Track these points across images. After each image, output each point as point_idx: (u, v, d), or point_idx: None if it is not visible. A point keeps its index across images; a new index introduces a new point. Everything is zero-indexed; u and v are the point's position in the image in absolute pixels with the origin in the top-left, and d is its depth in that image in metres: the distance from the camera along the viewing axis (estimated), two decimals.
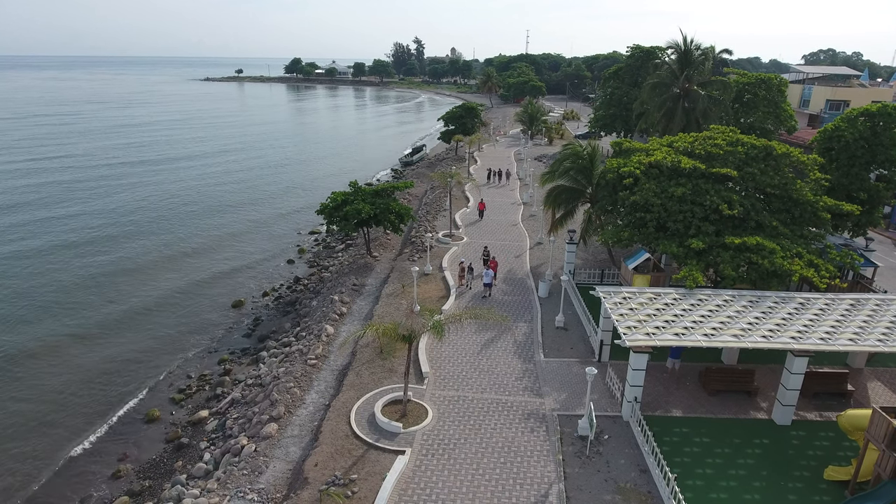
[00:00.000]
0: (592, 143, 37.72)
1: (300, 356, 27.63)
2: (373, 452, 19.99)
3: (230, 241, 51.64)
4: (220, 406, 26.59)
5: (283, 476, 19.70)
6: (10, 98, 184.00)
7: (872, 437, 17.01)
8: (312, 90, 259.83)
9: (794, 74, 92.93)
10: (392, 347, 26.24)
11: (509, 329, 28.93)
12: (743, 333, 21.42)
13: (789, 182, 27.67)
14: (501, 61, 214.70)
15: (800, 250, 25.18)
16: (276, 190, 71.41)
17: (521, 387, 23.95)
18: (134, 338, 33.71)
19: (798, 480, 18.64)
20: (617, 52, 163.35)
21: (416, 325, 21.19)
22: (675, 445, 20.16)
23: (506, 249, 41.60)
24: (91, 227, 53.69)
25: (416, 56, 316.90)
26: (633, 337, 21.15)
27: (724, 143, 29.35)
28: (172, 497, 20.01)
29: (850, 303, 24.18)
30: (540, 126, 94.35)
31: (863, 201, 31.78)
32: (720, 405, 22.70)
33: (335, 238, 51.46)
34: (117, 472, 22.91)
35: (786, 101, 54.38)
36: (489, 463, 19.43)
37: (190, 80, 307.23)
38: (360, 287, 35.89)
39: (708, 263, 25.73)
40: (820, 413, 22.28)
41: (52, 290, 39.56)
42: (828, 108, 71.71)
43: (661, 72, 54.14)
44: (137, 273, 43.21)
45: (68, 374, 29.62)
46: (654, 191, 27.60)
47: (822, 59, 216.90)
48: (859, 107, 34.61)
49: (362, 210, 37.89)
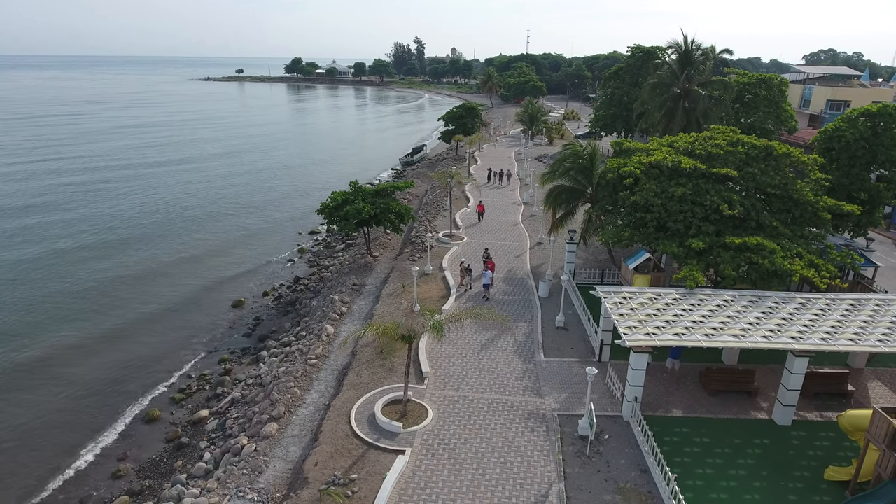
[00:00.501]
0: (592, 142, 37.72)
1: (300, 356, 27.63)
2: (373, 452, 19.98)
3: (230, 241, 51.64)
4: (221, 406, 26.60)
5: (283, 476, 19.69)
6: (12, 98, 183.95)
7: (873, 437, 17.00)
8: (313, 90, 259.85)
9: (795, 75, 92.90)
10: (392, 347, 26.24)
11: (510, 329, 28.93)
12: (743, 333, 21.40)
13: (790, 182, 27.65)
14: (502, 61, 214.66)
15: (800, 250, 25.17)
16: (277, 190, 71.41)
17: (521, 387, 23.94)
18: (134, 338, 33.71)
19: (798, 481, 18.63)
20: (617, 53, 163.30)
21: (416, 324, 21.18)
22: (675, 445, 20.15)
23: (506, 249, 41.60)
24: (91, 228, 53.71)
25: (417, 56, 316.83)
26: (634, 337, 21.14)
27: (725, 143, 29.33)
28: (172, 496, 20.01)
29: (850, 303, 24.16)
30: (540, 126, 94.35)
31: (863, 201, 31.74)
32: (720, 405, 22.68)
33: (335, 238, 51.46)
34: (117, 471, 22.91)
35: (786, 102, 54.34)
36: (489, 463, 19.43)
37: (190, 80, 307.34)
38: (361, 287, 35.89)
39: (708, 263, 25.71)
40: (820, 413, 22.27)
41: (52, 291, 39.56)
42: (828, 109, 71.69)
43: (662, 72, 54.09)
44: (138, 273, 43.21)
45: (69, 374, 29.62)
46: (654, 191, 27.59)
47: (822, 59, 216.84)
48: (860, 107, 34.57)
49: (363, 210, 37.88)
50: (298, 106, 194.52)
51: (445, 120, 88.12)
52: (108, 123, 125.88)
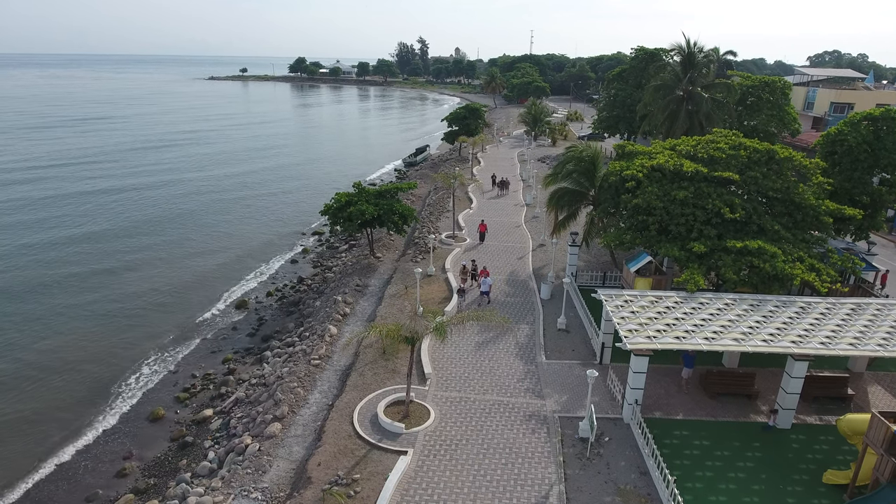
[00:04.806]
0: (593, 145, 37.81)
1: (304, 356, 27.84)
2: (375, 453, 20.18)
3: (234, 241, 51.90)
4: (225, 405, 26.83)
5: (286, 475, 19.91)
6: (16, 97, 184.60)
7: (871, 441, 17.13)
8: (316, 90, 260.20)
9: (799, 77, 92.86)
10: (395, 348, 26.43)
11: (511, 331, 29.08)
12: (744, 337, 21.53)
13: (791, 186, 27.76)
14: (505, 61, 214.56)
15: (801, 254, 25.28)
16: (280, 190, 71.65)
17: (522, 388, 24.11)
18: (138, 337, 33.96)
19: (797, 484, 18.76)
20: (621, 53, 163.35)
21: (418, 326, 21.37)
22: (675, 448, 20.30)
23: (508, 251, 41.75)
24: (96, 227, 54.07)
25: (420, 56, 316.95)
26: (635, 340, 21.29)
27: (727, 147, 29.44)
28: (177, 495, 20.23)
29: (850, 307, 24.25)
30: (543, 127, 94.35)
31: (865, 205, 31.81)
32: (720, 408, 22.82)
33: (339, 238, 51.67)
34: (122, 470, 23.16)
35: (790, 104, 54.38)
36: (490, 464, 19.61)
37: (194, 79, 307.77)
38: (364, 288, 36.10)
39: (709, 267, 25.84)
40: (820, 417, 22.38)
41: (58, 289, 39.88)
42: (832, 111, 71.65)
43: (665, 74, 54.15)
44: (141, 273, 43.49)
45: (73, 374, 29.87)
46: (656, 194, 27.70)
47: (826, 60, 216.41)
48: (863, 110, 34.63)
49: (366, 211, 38.07)
50: (302, 106, 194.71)
51: (449, 121, 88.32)
52: (110, 125, 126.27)
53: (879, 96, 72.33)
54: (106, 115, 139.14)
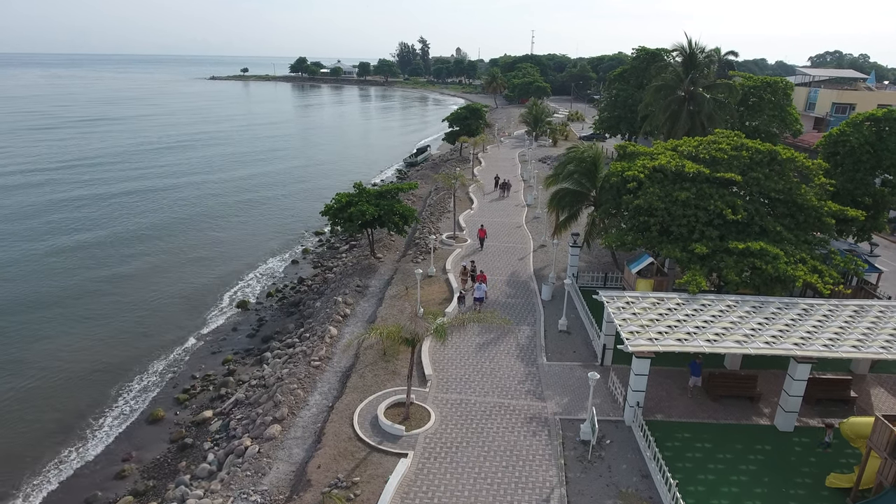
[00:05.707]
0: (595, 145, 37.68)
1: (304, 357, 27.75)
2: (375, 455, 20.09)
3: (234, 241, 51.84)
4: (224, 407, 26.74)
5: (286, 477, 19.82)
6: (17, 97, 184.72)
7: (875, 444, 17.00)
8: (317, 90, 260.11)
9: (800, 77, 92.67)
10: (395, 350, 26.33)
11: (512, 332, 28.97)
12: (746, 339, 21.41)
13: (794, 187, 27.62)
14: (506, 62, 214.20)
15: (803, 256, 25.15)
16: (281, 191, 71.62)
17: (523, 390, 24.01)
18: (138, 338, 33.90)
19: (800, 487, 18.65)
20: (622, 53, 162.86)
21: (419, 327, 21.27)
22: (677, 451, 20.19)
23: (509, 252, 41.64)
24: (96, 228, 54.04)
25: (422, 56, 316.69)
26: (636, 342, 21.17)
27: (729, 148, 29.31)
28: (176, 497, 20.16)
29: (853, 309, 24.12)
30: (544, 127, 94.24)
31: (868, 206, 31.69)
32: (723, 410, 22.70)
33: (339, 239, 51.60)
34: (122, 472, 23.08)
35: (791, 105, 54.23)
36: (491, 466, 19.51)
37: (195, 79, 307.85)
38: (364, 288, 36.01)
39: (711, 268, 25.70)
40: (822, 420, 22.24)
41: (56, 289, 39.84)
42: (834, 111, 71.49)
43: (666, 74, 53.99)
44: (141, 273, 43.45)
45: (72, 375, 29.80)
46: (657, 195, 27.57)
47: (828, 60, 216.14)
48: (865, 111, 34.50)
49: (367, 211, 37.98)
50: (303, 106, 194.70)
51: (450, 121, 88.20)
52: (112, 125, 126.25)
53: (881, 97, 72.15)
54: (107, 115, 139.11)
